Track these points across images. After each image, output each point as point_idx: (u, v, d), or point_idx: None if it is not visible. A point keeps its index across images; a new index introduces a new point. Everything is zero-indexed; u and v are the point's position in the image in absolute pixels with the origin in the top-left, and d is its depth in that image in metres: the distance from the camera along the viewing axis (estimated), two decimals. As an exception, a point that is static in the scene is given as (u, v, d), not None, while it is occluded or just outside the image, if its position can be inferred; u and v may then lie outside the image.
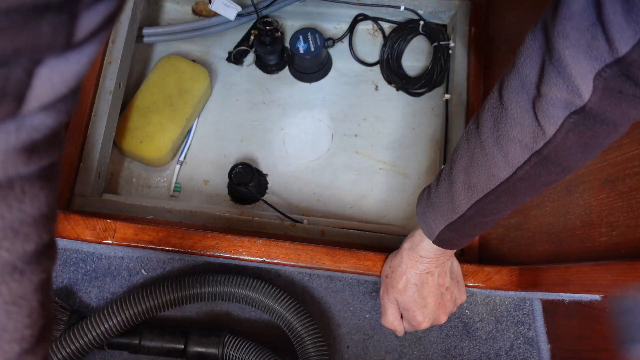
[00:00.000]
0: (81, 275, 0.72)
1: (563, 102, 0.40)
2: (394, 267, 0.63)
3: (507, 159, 0.46)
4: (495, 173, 0.48)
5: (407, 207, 0.89)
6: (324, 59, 0.93)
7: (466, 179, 0.51)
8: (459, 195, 0.52)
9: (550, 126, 0.42)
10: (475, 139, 0.49)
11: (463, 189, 0.51)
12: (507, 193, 0.49)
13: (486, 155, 0.48)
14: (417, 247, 0.60)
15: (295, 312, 0.67)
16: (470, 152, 0.50)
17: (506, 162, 0.47)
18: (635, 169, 0.52)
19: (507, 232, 0.76)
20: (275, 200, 0.88)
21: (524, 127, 0.44)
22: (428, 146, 0.93)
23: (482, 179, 0.49)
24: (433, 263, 0.61)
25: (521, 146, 0.45)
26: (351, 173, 0.91)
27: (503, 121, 0.45)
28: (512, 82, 0.44)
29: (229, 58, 0.95)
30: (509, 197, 0.50)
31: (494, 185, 0.49)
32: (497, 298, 0.75)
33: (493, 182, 0.49)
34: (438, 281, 0.62)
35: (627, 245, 0.52)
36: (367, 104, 0.95)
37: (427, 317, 0.62)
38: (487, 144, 0.47)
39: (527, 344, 0.73)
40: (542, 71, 0.40)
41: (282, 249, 0.68)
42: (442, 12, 0.94)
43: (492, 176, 0.49)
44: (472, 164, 0.50)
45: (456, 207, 0.53)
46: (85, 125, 0.76)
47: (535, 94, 0.42)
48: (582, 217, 0.60)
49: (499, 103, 0.45)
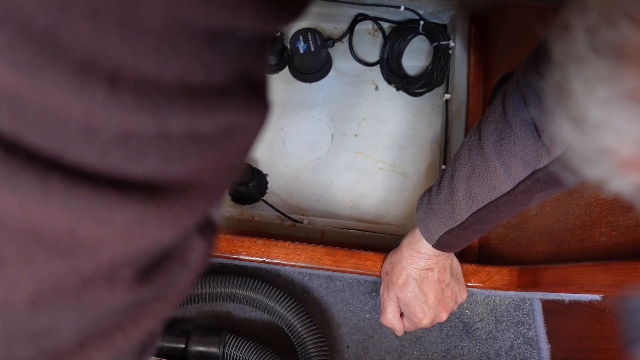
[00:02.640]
0: (81, 275, 0.72)
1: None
2: (394, 263, 0.64)
3: (509, 174, 0.47)
4: (497, 185, 0.49)
5: (406, 207, 0.89)
6: (324, 59, 0.93)
7: (467, 188, 0.51)
8: (460, 204, 0.53)
9: (556, 148, 0.42)
10: (477, 151, 0.49)
11: (464, 198, 0.52)
12: (507, 204, 0.50)
13: (488, 168, 0.48)
14: (417, 244, 0.61)
15: (296, 312, 0.67)
16: (472, 163, 0.50)
17: (508, 176, 0.47)
18: (635, 169, 0.52)
19: (507, 232, 0.76)
20: (275, 200, 0.88)
21: (527, 146, 0.44)
22: (428, 146, 0.93)
23: (483, 190, 0.50)
24: (433, 259, 0.61)
25: (524, 163, 0.45)
26: (351, 173, 0.91)
27: (507, 137, 0.45)
28: (515, 99, 0.44)
29: (229, 58, 0.95)
30: (508, 207, 0.50)
31: (495, 197, 0.50)
32: (497, 298, 0.75)
33: (494, 193, 0.49)
34: (438, 277, 0.62)
35: (627, 245, 0.52)
36: (367, 104, 0.95)
37: (427, 313, 0.62)
38: (489, 157, 0.48)
39: (527, 344, 0.73)
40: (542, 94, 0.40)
41: (282, 249, 0.68)
42: (442, 12, 0.94)
43: (493, 188, 0.49)
44: (474, 174, 0.50)
45: (456, 215, 0.54)
46: (85, 125, 0.76)
47: (538, 115, 0.41)
48: (582, 217, 0.60)
49: (503, 118, 0.45)
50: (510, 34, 0.83)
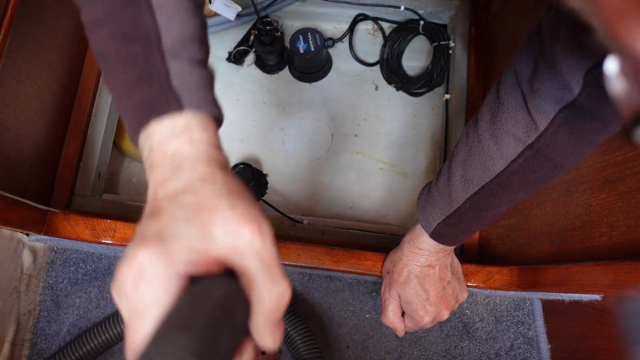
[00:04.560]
0: (81, 275, 0.72)
1: (554, 97, 0.41)
2: (395, 260, 0.64)
3: (502, 152, 0.48)
4: (490, 166, 0.50)
5: (406, 207, 0.89)
6: (324, 58, 0.93)
7: (463, 172, 0.52)
8: (456, 189, 0.53)
9: (542, 120, 0.43)
10: (473, 133, 0.51)
11: (460, 182, 0.53)
12: (501, 187, 0.51)
13: (482, 148, 0.50)
14: (417, 240, 0.61)
15: (285, 314, 0.67)
16: (468, 146, 0.52)
17: (500, 155, 0.48)
18: (635, 169, 0.52)
19: (507, 232, 0.76)
20: (275, 200, 0.88)
21: (517, 121, 0.45)
22: (428, 146, 0.93)
23: (478, 171, 0.51)
24: (433, 256, 0.61)
25: (515, 140, 0.46)
26: (351, 173, 0.91)
27: (499, 115, 0.47)
28: (509, 79, 0.46)
29: (229, 58, 0.95)
30: (503, 191, 0.51)
31: (489, 179, 0.51)
32: (497, 298, 0.75)
33: (488, 175, 0.50)
34: (439, 275, 0.62)
35: (627, 245, 0.52)
36: (367, 104, 0.95)
37: (429, 310, 0.61)
38: (483, 137, 0.49)
39: (527, 344, 0.73)
40: (535, 68, 0.42)
41: (282, 249, 0.68)
42: (442, 12, 0.94)
43: (487, 169, 0.50)
44: (470, 157, 0.51)
45: (453, 200, 0.54)
46: (85, 125, 0.76)
47: (528, 90, 0.43)
48: (582, 217, 0.60)
49: (496, 98, 0.47)
50: (510, 34, 0.83)
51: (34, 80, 0.66)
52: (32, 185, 0.67)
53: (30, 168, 0.67)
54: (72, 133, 0.76)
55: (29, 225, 0.63)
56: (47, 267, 0.71)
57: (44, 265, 0.71)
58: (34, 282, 0.69)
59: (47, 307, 0.70)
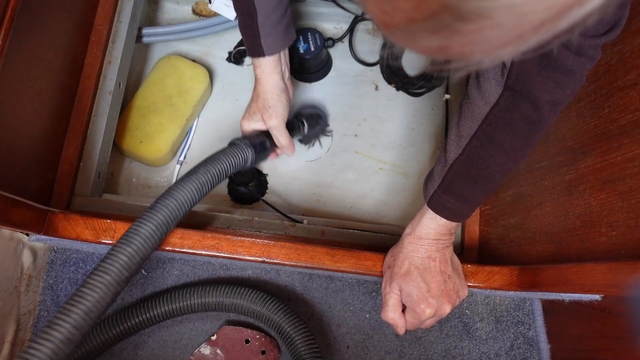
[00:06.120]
0: (81, 275, 0.72)
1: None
2: (396, 254, 0.64)
3: (485, 98, 0.56)
4: (477, 114, 0.57)
5: (406, 207, 0.89)
6: (324, 59, 0.93)
7: (457, 130, 0.60)
8: (450, 148, 0.60)
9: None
10: (464, 97, 0.60)
11: (454, 140, 0.60)
12: (488, 135, 0.57)
13: (470, 103, 0.58)
14: (417, 228, 0.62)
15: (284, 313, 0.66)
16: (460, 108, 0.60)
17: (485, 102, 0.56)
18: (635, 169, 0.52)
19: (507, 232, 0.76)
20: (275, 200, 0.88)
21: (495, 67, 0.54)
22: (428, 146, 0.93)
23: (467, 123, 0.58)
24: (433, 246, 0.62)
25: (495, 82, 0.55)
26: (351, 173, 0.91)
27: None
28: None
29: (229, 58, 0.95)
30: (491, 142, 0.57)
31: (477, 126, 0.57)
32: (497, 298, 0.75)
33: (476, 123, 0.57)
34: (440, 268, 0.62)
35: (627, 245, 0.52)
36: (367, 104, 0.95)
37: (430, 303, 0.60)
38: (470, 92, 0.58)
39: (527, 344, 0.73)
40: None
41: (282, 249, 0.68)
42: (442, 12, 0.94)
43: (474, 118, 0.58)
44: (461, 115, 0.60)
45: (447, 160, 0.60)
46: (85, 125, 0.76)
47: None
48: (582, 217, 0.60)
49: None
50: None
51: (34, 80, 0.66)
52: (32, 185, 0.67)
53: (30, 168, 0.67)
54: (72, 133, 0.76)
55: (29, 225, 0.63)
56: (47, 267, 0.71)
57: (44, 265, 0.71)
58: (34, 282, 0.69)
59: (47, 307, 0.70)
